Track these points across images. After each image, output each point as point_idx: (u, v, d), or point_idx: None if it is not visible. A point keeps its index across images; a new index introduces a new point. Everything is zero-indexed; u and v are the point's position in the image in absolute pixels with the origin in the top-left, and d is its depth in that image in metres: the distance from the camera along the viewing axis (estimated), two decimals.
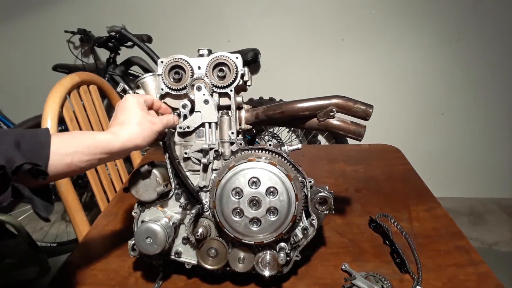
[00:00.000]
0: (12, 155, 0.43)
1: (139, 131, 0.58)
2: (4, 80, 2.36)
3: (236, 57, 0.67)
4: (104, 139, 0.54)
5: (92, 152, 0.52)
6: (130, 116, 0.59)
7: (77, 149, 0.50)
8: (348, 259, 0.77)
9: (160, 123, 0.63)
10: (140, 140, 0.58)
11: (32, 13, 2.19)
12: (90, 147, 0.52)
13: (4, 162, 0.42)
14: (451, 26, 2.09)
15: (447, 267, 0.74)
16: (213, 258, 0.69)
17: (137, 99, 0.61)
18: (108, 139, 0.55)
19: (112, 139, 0.55)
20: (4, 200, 0.42)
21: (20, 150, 0.44)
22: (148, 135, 0.59)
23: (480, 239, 2.05)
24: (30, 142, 0.46)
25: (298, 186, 0.64)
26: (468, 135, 2.31)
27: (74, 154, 0.50)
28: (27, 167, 0.43)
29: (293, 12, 2.12)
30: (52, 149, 0.47)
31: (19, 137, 0.46)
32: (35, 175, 0.45)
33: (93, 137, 0.53)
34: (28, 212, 1.97)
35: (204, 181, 0.69)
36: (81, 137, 0.53)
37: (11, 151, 0.43)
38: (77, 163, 0.50)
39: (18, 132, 0.47)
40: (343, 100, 0.71)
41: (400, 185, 1.09)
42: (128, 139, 0.57)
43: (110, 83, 1.80)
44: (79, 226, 1.00)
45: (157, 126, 0.62)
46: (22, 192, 0.44)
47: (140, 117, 0.59)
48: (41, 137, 0.47)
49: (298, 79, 2.25)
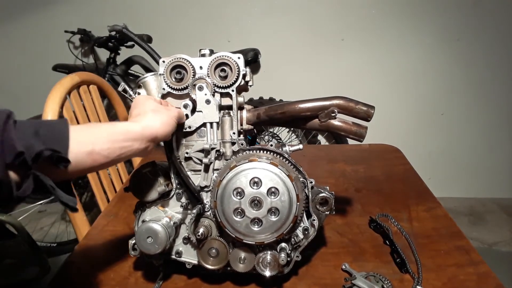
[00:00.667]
0: (31, 142, 0.41)
1: (156, 117, 0.57)
2: (4, 80, 2.35)
3: (238, 57, 0.67)
4: (123, 125, 0.54)
5: (112, 139, 0.51)
6: (144, 107, 0.59)
7: (97, 136, 0.49)
8: (348, 259, 0.77)
9: (174, 110, 0.63)
10: (159, 124, 0.57)
11: (32, 13, 2.19)
12: (109, 133, 0.51)
13: (23, 149, 0.40)
14: (451, 26, 2.09)
15: (447, 267, 0.74)
16: (214, 258, 0.69)
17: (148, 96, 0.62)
18: (127, 125, 0.54)
19: (131, 125, 0.55)
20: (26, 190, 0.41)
21: (39, 137, 0.43)
22: (166, 120, 0.58)
23: (480, 239, 2.05)
24: (48, 130, 0.44)
25: (299, 187, 0.64)
26: (468, 135, 2.31)
27: (95, 142, 0.48)
28: (47, 153, 0.41)
29: (293, 12, 2.12)
30: (72, 136, 0.45)
31: (37, 126, 0.44)
32: (56, 162, 0.43)
33: (111, 125, 0.53)
34: (28, 212, 1.97)
35: (206, 181, 0.69)
36: (99, 126, 0.53)
37: (30, 138, 0.42)
38: (99, 150, 0.48)
39: (35, 122, 0.45)
40: (345, 101, 0.71)
41: (400, 185, 1.09)
42: (148, 125, 0.56)
43: (110, 83, 1.80)
44: (79, 226, 1.00)
45: (173, 111, 0.61)
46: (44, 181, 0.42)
47: (154, 105, 0.59)
48: (59, 125, 0.46)
49: (298, 79, 2.25)
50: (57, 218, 2.22)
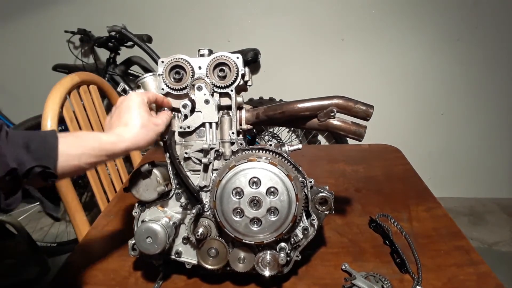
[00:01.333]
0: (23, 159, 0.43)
1: (143, 134, 0.58)
2: (4, 80, 2.36)
3: (236, 57, 0.67)
4: (109, 141, 0.55)
5: (97, 154, 0.52)
6: (134, 118, 0.59)
7: (84, 151, 0.51)
8: (348, 259, 0.77)
9: (162, 124, 0.63)
10: (144, 143, 0.59)
11: (32, 13, 2.19)
12: (96, 149, 0.52)
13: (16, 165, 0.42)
14: (451, 26, 2.09)
15: (447, 267, 0.74)
16: (214, 258, 0.69)
17: (141, 99, 0.61)
18: (113, 141, 0.55)
19: (117, 141, 0.56)
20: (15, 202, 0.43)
21: (30, 152, 0.44)
22: (151, 137, 0.60)
23: (480, 239, 2.05)
24: (39, 144, 0.46)
25: (298, 186, 0.64)
26: (468, 135, 2.31)
27: (81, 156, 0.50)
28: (37, 170, 0.44)
29: (293, 12, 2.12)
30: (60, 151, 0.47)
31: (28, 138, 0.46)
32: (45, 177, 0.45)
33: (98, 139, 0.54)
34: (28, 212, 1.97)
35: (205, 181, 0.69)
36: (87, 139, 0.53)
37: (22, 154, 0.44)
38: (83, 165, 0.51)
39: (26, 134, 0.47)
40: (344, 100, 0.71)
41: (400, 185, 1.09)
42: (133, 143, 0.57)
43: (110, 83, 1.80)
44: (79, 226, 1.00)
45: (160, 128, 0.62)
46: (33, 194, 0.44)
47: (145, 120, 0.59)
48: (49, 139, 0.47)
49: (298, 79, 2.25)
50: None
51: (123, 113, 0.60)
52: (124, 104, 0.61)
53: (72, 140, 0.51)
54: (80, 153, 0.50)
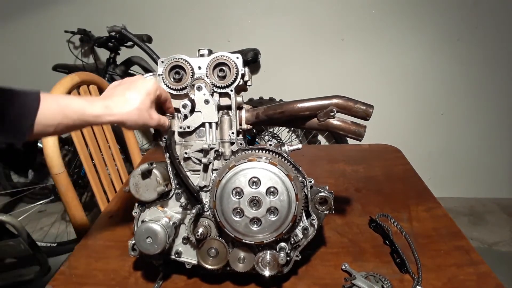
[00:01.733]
0: None
1: (134, 116, 0.57)
2: (4, 80, 2.35)
3: (236, 57, 0.67)
4: (92, 114, 0.53)
5: (77, 124, 0.52)
6: (136, 98, 0.58)
7: (63, 121, 0.49)
8: (348, 259, 0.77)
9: (155, 121, 0.62)
10: (130, 123, 0.58)
11: (32, 13, 2.19)
12: (76, 120, 0.51)
13: None
14: (451, 26, 2.09)
15: (447, 267, 0.74)
16: (213, 258, 0.69)
17: (154, 89, 0.61)
18: (98, 114, 0.54)
19: (102, 115, 0.54)
20: None
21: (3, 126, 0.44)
22: (138, 124, 0.59)
23: (480, 239, 2.05)
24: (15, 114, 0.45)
25: (298, 186, 0.64)
26: (468, 135, 2.31)
27: (58, 126, 0.49)
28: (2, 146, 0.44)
29: (293, 12, 2.12)
30: (37, 121, 0.46)
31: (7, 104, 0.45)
32: None
33: (82, 112, 0.52)
34: (28, 212, 1.98)
35: (205, 181, 0.69)
36: (70, 109, 0.51)
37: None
38: (59, 132, 0.50)
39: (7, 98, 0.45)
40: (344, 100, 0.71)
41: (400, 185, 1.09)
42: (119, 118, 0.56)
43: (110, 83, 1.80)
44: (79, 226, 1.00)
45: (152, 122, 0.61)
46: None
47: (144, 106, 0.59)
48: (29, 105, 0.46)
49: (298, 79, 2.25)
50: (57, 218, 2.22)
51: (131, 89, 0.59)
52: (139, 83, 0.60)
53: (54, 107, 0.49)
54: (57, 123, 0.49)
